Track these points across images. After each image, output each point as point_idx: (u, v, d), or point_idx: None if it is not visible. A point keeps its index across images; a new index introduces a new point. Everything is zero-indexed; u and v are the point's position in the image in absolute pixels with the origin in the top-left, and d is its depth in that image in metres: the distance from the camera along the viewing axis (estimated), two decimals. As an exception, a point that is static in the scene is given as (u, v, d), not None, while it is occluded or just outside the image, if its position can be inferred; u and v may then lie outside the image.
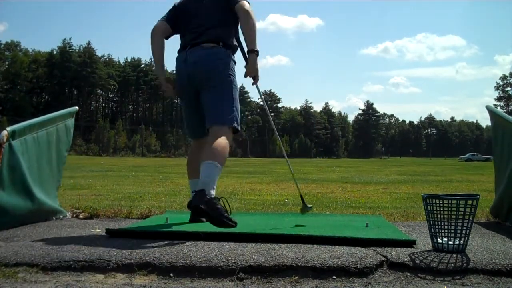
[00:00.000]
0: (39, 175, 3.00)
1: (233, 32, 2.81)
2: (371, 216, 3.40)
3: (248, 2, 2.74)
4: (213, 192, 2.44)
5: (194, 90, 2.75)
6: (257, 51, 2.69)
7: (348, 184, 8.28)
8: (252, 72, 2.73)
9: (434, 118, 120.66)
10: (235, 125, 2.68)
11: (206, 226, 2.55)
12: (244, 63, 2.77)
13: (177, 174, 11.09)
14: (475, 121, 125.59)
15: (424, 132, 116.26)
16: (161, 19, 2.88)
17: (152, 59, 3.15)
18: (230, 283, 1.84)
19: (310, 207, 3.05)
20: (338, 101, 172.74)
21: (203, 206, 2.34)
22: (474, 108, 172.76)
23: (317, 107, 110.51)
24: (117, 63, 68.92)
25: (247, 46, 2.71)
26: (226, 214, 2.43)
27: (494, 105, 52.49)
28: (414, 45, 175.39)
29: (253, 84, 2.83)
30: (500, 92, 75.26)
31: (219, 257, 1.98)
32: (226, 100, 2.68)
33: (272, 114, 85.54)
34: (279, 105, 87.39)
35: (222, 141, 2.57)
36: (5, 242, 2.34)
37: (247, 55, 2.72)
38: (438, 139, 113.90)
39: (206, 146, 2.65)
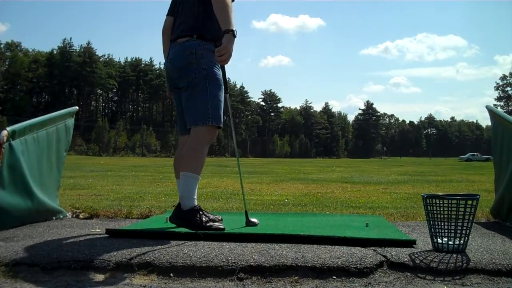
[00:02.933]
0: (39, 175, 3.00)
1: (212, 21, 2.55)
2: (371, 216, 3.40)
3: None
4: (189, 203, 2.50)
5: (176, 87, 2.71)
6: (233, 31, 2.41)
7: (348, 184, 8.28)
8: (222, 50, 2.40)
9: (434, 118, 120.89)
10: (211, 122, 2.54)
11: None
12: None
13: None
14: (475, 121, 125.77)
15: (424, 132, 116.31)
16: (167, 14, 2.85)
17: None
18: (230, 283, 1.84)
19: (254, 221, 2.72)
20: (338, 101, 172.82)
21: (176, 221, 2.55)
22: (474, 108, 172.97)
23: (317, 107, 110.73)
24: (117, 63, 68.93)
25: (221, 27, 2.44)
26: (206, 221, 2.48)
27: (494, 105, 52.58)
28: (415, 45, 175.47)
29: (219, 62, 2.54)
30: (500, 92, 75.44)
31: (219, 257, 1.98)
32: (200, 98, 2.55)
33: (272, 114, 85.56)
34: (279, 105, 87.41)
35: (195, 147, 2.56)
36: (5, 242, 2.34)
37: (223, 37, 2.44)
38: (438, 139, 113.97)
39: (185, 147, 2.67)
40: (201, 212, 2.52)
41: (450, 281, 1.85)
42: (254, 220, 2.72)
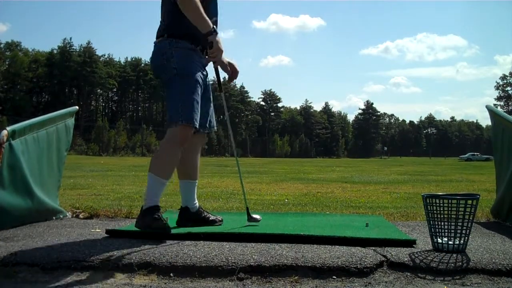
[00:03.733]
0: (39, 175, 2.99)
1: (184, 17, 2.45)
2: (371, 216, 3.40)
3: None
4: (149, 203, 2.43)
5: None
6: (212, 31, 2.43)
7: (348, 184, 8.28)
8: (215, 52, 2.48)
9: (434, 117, 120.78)
10: (181, 122, 2.44)
11: (206, 227, 2.56)
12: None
13: (177, 173, 11.07)
14: (475, 121, 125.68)
15: (424, 131, 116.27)
16: None
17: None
18: (230, 283, 1.84)
19: (256, 217, 2.72)
20: (338, 101, 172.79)
21: (137, 221, 2.46)
22: (474, 107, 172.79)
23: (317, 106, 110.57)
24: (117, 62, 68.93)
25: (202, 31, 2.44)
26: (156, 220, 2.38)
27: (494, 104, 52.63)
28: (415, 45, 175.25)
29: (214, 63, 2.62)
30: (500, 91, 75.49)
31: (219, 257, 1.99)
32: (172, 97, 2.51)
33: (272, 114, 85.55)
34: (279, 104, 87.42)
35: (164, 147, 2.52)
36: (5, 242, 2.34)
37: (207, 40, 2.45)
38: (438, 138, 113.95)
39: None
40: (156, 213, 2.42)
41: (450, 281, 1.85)
42: (256, 216, 2.70)
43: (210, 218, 2.73)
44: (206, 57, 2.61)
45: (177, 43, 2.52)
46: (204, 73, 2.63)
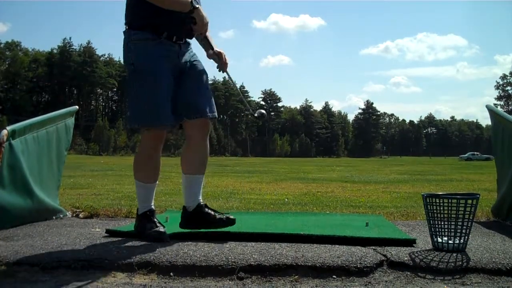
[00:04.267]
0: (39, 175, 2.99)
1: (140, 4, 2.21)
2: (371, 216, 3.39)
3: None
4: (143, 208, 2.42)
5: None
6: (193, 8, 2.19)
7: (348, 183, 8.28)
8: (199, 28, 2.27)
9: (434, 117, 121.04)
10: (137, 125, 2.28)
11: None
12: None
13: (177, 173, 11.09)
14: (475, 121, 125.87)
15: (424, 131, 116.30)
16: None
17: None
18: (230, 282, 1.84)
19: (261, 112, 2.58)
20: (338, 100, 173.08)
21: (135, 226, 2.44)
22: (474, 107, 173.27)
23: (317, 106, 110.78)
24: (117, 62, 68.93)
25: (183, 12, 2.22)
26: (150, 228, 2.34)
27: (494, 104, 52.62)
28: (415, 44, 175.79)
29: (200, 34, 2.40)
30: (500, 91, 75.62)
31: (219, 257, 1.98)
32: (132, 97, 2.31)
33: (272, 113, 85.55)
34: (279, 104, 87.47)
35: (137, 152, 2.48)
36: (5, 242, 2.34)
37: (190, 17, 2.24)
38: (438, 138, 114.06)
39: None
40: (152, 219, 2.40)
41: (450, 280, 1.85)
42: (261, 111, 2.57)
43: (211, 219, 2.58)
44: (180, 42, 2.34)
45: (135, 34, 2.25)
46: (176, 61, 2.33)
